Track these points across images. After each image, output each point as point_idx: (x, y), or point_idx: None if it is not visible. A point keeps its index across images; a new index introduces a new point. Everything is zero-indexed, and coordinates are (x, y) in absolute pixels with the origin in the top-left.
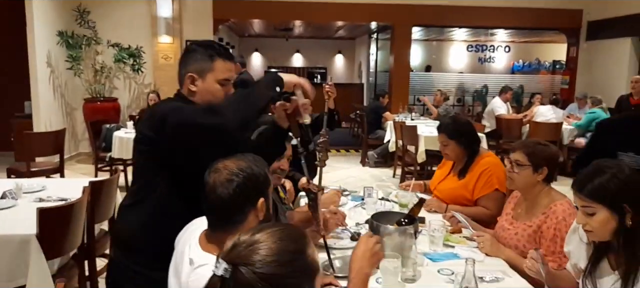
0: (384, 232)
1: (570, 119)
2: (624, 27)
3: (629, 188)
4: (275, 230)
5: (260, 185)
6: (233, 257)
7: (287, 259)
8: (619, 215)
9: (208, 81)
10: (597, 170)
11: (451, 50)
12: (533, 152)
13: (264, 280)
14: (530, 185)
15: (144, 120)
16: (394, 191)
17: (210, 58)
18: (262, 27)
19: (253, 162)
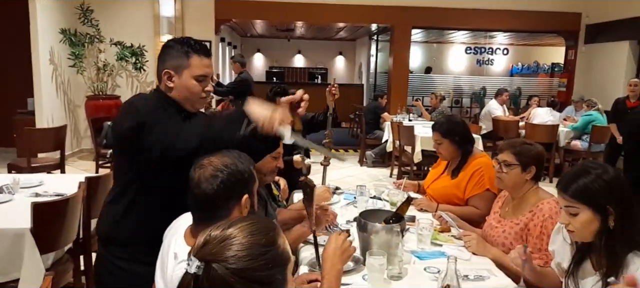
0: (371, 230)
1: (567, 121)
2: (622, 31)
3: (613, 190)
4: (246, 224)
5: (245, 181)
6: (205, 253)
7: (259, 252)
8: (602, 216)
9: (184, 77)
10: (582, 171)
11: (450, 52)
12: (520, 152)
13: (236, 275)
14: (519, 185)
15: (121, 116)
16: (386, 190)
17: (186, 55)
18: (264, 28)
19: (238, 158)
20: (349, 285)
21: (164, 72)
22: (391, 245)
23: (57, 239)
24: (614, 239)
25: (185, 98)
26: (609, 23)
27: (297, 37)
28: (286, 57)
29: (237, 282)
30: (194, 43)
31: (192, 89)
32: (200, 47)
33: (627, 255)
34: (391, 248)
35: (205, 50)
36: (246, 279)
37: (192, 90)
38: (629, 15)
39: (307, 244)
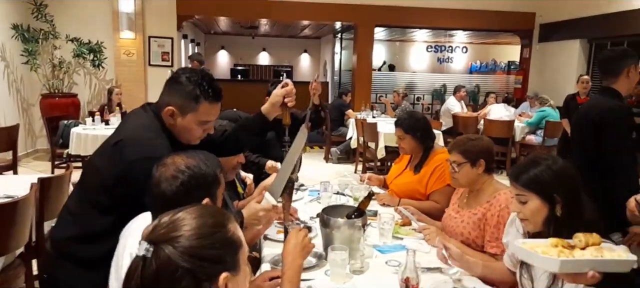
0: (333, 225)
1: (522, 117)
2: (574, 30)
3: (560, 180)
4: (195, 208)
5: (207, 185)
6: (154, 236)
7: (207, 232)
8: (550, 204)
9: (188, 120)
10: (533, 162)
11: (412, 51)
12: (466, 149)
13: (185, 254)
14: (474, 180)
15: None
16: (349, 185)
17: (195, 100)
18: (228, 25)
19: (204, 160)
20: (311, 281)
21: (167, 108)
22: (353, 239)
23: (6, 243)
24: (562, 227)
25: (181, 135)
26: (561, 22)
27: (261, 34)
28: (251, 55)
29: (186, 261)
30: (206, 87)
31: (193, 132)
32: (213, 93)
33: None
34: (353, 243)
35: (217, 95)
36: (195, 257)
37: (192, 133)
38: (580, 15)
39: (268, 240)
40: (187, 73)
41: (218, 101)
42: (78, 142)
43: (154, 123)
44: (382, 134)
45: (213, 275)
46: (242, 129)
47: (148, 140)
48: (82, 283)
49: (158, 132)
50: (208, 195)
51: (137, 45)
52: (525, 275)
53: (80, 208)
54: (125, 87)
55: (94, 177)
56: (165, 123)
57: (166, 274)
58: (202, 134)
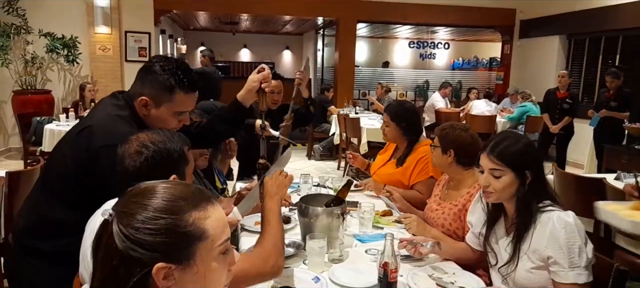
0: (312, 214)
1: (503, 112)
2: (553, 26)
3: (530, 155)
4: (167, 187)
5: (174, 161)
6: (115, 205)
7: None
8: (521, 179)
9: (162, 110)
10: (506, 136)
11: (395, 47)
12: (442, 135)
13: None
14: (444, 165)
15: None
16: (330, 178)
17: (170, 90)
18: (208, 21)
19: (169, 136)
20: (290, 268)
21: (141, 98)
22: (332, 228)
23: None
24: (526, 203)
25: (155, 125)
26: (541, 18)
27: (242, 30)
28: (232, 51)
29: (121, 241)
30: (182, 76)
31: (167, 123)
32: (189, 82)
33: (535, 217)
34: (332, 232)
35: (193, 85)
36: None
37: (167, 124)
38: (559, 11)
39: (246, 232)
40: (161, 61)
41: (194, 91)
42: (51, 139)
43: (125, 111)
44: (365, 129)
45: (144, 263)
46: (218, 118)
47: (117, 128)
48: (45, 278)
49: (128, 120)
50: (175, 171)
51: (113, 40)
52: (489, 249)
53: (43, 199)
54: (101, 83)
55: (58, 166)
56: (139, 113)
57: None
58: (178, 125)
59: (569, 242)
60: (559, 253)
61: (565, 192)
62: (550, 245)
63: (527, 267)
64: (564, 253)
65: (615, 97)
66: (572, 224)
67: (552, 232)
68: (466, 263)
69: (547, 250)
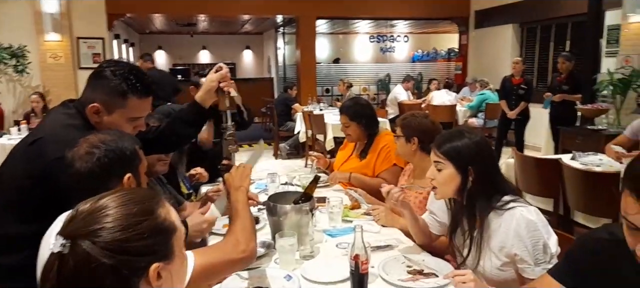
0: (280, 212)
1: (463, 101)
2: (506, 15)
3: (477, 154)
4: (119, 195)
5: (127, 159)
6: (71, 230)
7: (132, 222)
8: (463, 175)
9: (115, 117)
10: (456, 133)
11: (356, 43)
12: (405, 124)
13: (106, 249)
14: (408, 155)
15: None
16: (297, 175)
17: (122, 95)
18: (164, 23)
19: (119, 135)
20: (260, 267)
21: (92, 105)
22: (301, 224)
23: None
24: (473, 199)
25: None
26: (495, 8)
27: (201, 32)
28: (191, 54)
29: (107, 257)
30: (134, 81)
31: (121, 129)
32: (142, 87)
33: (487, 214)
34: (302, 228)
35: (147, 89)
36: (118, 251)
37: (121, 130)
38: (511, 1)
39: (214, 235)
40: (112, 66)
41: (148, 95)
42: (3, 154)
43: (76, 120)
44: (330, 125)
45: (142, 268)
46: (178, 121)
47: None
48: None
49: (81, 129)
50: (129, 170)
51: (64, 47)
52: (454, 248)
53: None
54: (53, 92)
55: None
56: (90, 121)
57: (86, 272)
58: (133, 131)
59: (533, 239)
60: (524, 252)
61: (525, 174)
62: (516, 243)
63: (497, 265)
64: (529, 251)
65: (567, 81)
66: (535, 222)
67: (517, 230)
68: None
69: (513, 248)
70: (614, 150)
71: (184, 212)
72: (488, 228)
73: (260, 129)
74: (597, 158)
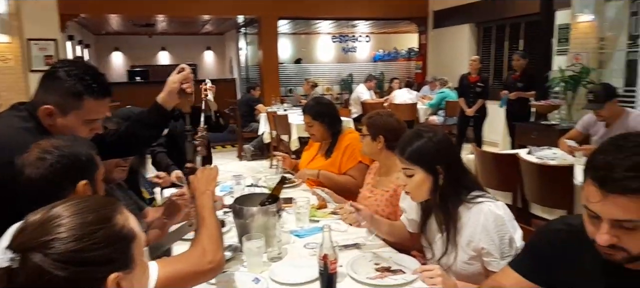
0: (247, 214)
1: (424, 99)
2: (463, 15)
3: (441, 151)
4: (71, 204)
5: (82, 165)
6: (21, 242)
7: (88, 231)
8: (433, 175)
9: (71, 119)
10: (415, 135)
11: (318, 43)
12: (370, 123)
13: (59, 261)
14: (375, 153)
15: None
16: (262, 177)
17: (77, 97)
18: (121, 24)
19: (74, 140)
20: (227, 271)
21: (44, 107)
22: (269, 226)
23: None
24: (445, 196)
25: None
26: (452, 8)
27: (159, 33)
28: (149, 55)
29: (61, 269)
30: (91, 81)
31: (77, 132)
32: (99, 88)
33: (457, 208)
34: (269, 230)
35: (104, 90)
36: (73, 263)
37: (77, 134)
38: (468, 1)
39: (182, 240)
40: (67, 66)
41: (105, 96)
42: None
43: (29, 123)
44: (295, 125)
45: (99, 279)
46: (138, 123)
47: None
48: None
49: (34, 132)
50: (85, 176)
51: (13, 49)
52: (425, 243)
53: None
54: (3, 97)
55: None
56: (43, 123)
57: (39, 287)
58: (89, 134)
59: (500, 233)
60: (491, 245)
61: (485, 169)
62: (483, 237)
63: (464, 259)
64: (495, 245)
65: (521, 78)
66: (502, 216)
67: (485, 224)
68: (403, 243)
69: (480, 242)
70: (567, 144)
71: (146, 219)
72: (457, 223)
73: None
74: (552, 153)
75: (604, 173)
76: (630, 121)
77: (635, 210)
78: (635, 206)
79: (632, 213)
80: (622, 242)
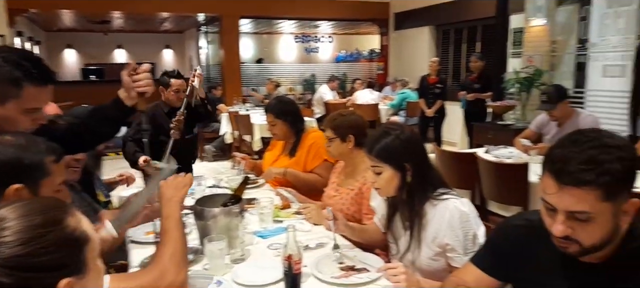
0: (208, 215)
1: (386, 100)
2: (423, 18)
3: (408, 148)
4: (17, 206)
5: (21, 169)
6: None
7: (34, 235)
8: (401, 172)
9: (9, 108)
10: (383, 133)
11: (281, 43)
12: (336, 125)
13: (4, 267)
14: (346, 154)
15: None
16: (224, 178)
17: (15, 84)
18: (74, 20)
19: (26, 142)
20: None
21: None
22: (231, 227)
23: None
24: (414, 191)
25: (2, 127)
26: (413, 11)
27: (116, 30)
28: (105, 53)
29: (6, 276)
30: (31, 67)
31: (17, 123)
32: (40, 73)
33: (423, 205)
34: (232, 231)
35: (45, 76)
36: (18, 269)
37: (17, 125)
38: (428, 4)
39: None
40: (4, 52)
41: (46, 83)
42: None
43: None
44: (257, 125)
45: (49, 285)
46: (95, 116)
47: None
48: None
49: None
50: (23, 181)
51: None
52: (391, 239)
53: None
54: None
55: None
56: None
57: None
58: (32, 125)
59: (464, 229)
60: (455, 241)
61: (445, 168)
62: (448, 233)
63: (429, 255)
64: (460, 241)
65: (478, 80)
66: (467, 213)
67: (450, 221)
68: (377, 244)
69: (445, 238)
70: (522, 143)
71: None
72: (423, 219)
73: None
74: (508, 152)
75: (560, 166)
76: (580, 121)
77: (588, 202)
78: (588, 198)
79: (584, 205)
80: (575, 234)
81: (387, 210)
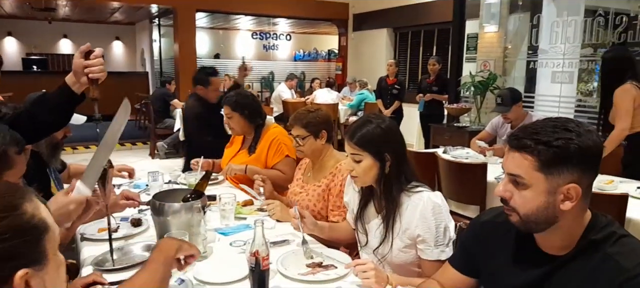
0: (168, 211)
1: (344, 100)
2: (381, 20)
3: (388, 138)
4: None
5: None
6: None
7: None
8: (381, 162)
9: None
10: (366, 121)
11: (238, 39)
12: (308, 123)
13: None
14: (318, 151)
15: None
16: (181, 174)
17: None
18: (15, 6)
19: None
20: None
21: None
22: (193, 224)
23: None
24: (390, 183)
25: None
26: (371, 13)
27: (61, 19)
28: (49, 43)
29: None
30: None
31: None
32: None
33: (400, 195)
34: (193, 228)
35: None
36: None
37: None
38: (386, 6)
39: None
40: None
41: None
42: None
43: None
44: None
45: (4, 277)
46: (41, 105)
47: None
48: None
49: None
50: None
51: None
52: (361, 230)
53: None
54: None
55: None
56: None
57: None
58: None
59: (437, 222)
60: (427, 233)
61: None
62: (420, 224)
63: (399, 246)
64: (431, 233)
65: (435, 82)
66: (440, 205)
67: (423, 212)
68: (343, 242)
69: (416, 229)
70: (478, 144)
71: None
72: (397, 210)
73: (133, 126)
74: (465, 152)
75: (513, 135)
76: None
77: (523, 168)
78: (525, 163)
79: (520, 169)
80: (513, 201)
81: (360, 200)
